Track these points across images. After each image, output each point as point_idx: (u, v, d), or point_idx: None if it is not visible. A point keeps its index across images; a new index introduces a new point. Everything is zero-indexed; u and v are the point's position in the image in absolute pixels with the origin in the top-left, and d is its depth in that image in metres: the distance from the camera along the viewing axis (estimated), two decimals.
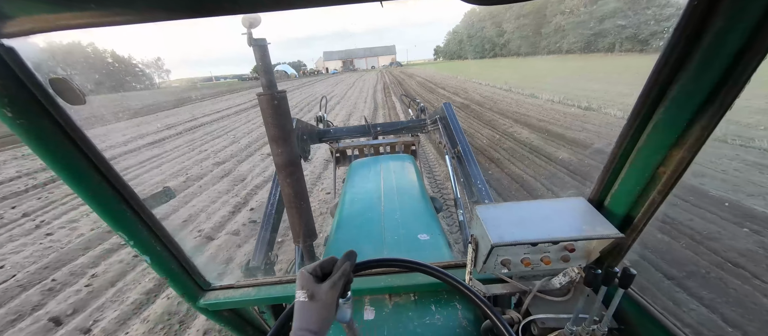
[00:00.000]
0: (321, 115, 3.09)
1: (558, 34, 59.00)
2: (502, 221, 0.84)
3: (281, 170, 1.40)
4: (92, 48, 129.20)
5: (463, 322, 0.95)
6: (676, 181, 0.66)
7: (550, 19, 60.43)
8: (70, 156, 0.69)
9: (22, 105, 0.60)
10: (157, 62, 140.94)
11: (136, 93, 61.51)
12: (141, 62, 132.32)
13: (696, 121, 0.59)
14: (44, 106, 0.62)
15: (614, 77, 16.73)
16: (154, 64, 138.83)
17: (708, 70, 0.54)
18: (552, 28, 60.30)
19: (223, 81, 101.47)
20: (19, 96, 0.59)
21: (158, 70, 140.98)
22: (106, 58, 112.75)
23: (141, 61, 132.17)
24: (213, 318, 1.12)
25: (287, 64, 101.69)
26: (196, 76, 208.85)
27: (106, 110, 17.68)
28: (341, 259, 0.66)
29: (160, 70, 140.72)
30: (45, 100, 0.61)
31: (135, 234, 0.85)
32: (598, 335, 0.77)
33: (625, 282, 0.69)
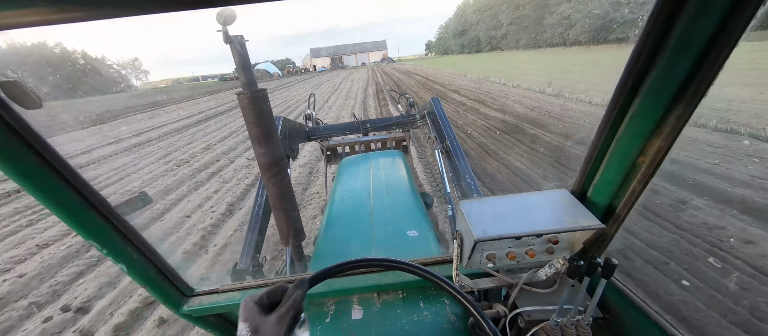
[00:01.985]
0: (309, 113, 3.03)
1: (563, 24, 55.16)
2: (486, 216, 0.83)
3: (265, 171, 1.35)
4: (60, 48, 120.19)
5: (451, 317, 0.95)
6: (655, 170, 0.67)
7: (554, 9, 56.48)
8: (30, 163, 0.65)
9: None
10: (134, 63, 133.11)
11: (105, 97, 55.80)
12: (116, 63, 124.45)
13: (672, 110, 0.59)
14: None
15: None
16: (130, 65, 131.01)
17: (682, 58, 0.54)
18: (556, 18, 56.40)
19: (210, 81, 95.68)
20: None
21: (135, 70, 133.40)
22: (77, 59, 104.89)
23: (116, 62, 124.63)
24: (198, 324, 1.09)
25: (269, 63, 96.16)
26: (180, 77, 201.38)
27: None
28: (292, 287, 0.62)
29: (137, 71, 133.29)
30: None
31: (107, 241, 0.81)
32: (582, 325, 0.79)
33: (607, 272, 0.70)
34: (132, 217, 0.87)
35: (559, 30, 55.97)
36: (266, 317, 0.57)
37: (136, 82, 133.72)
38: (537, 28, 62.47)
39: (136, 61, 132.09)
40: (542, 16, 60.58)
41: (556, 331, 0.79)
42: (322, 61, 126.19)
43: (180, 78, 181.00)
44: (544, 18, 59.58)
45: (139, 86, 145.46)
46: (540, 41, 61.56)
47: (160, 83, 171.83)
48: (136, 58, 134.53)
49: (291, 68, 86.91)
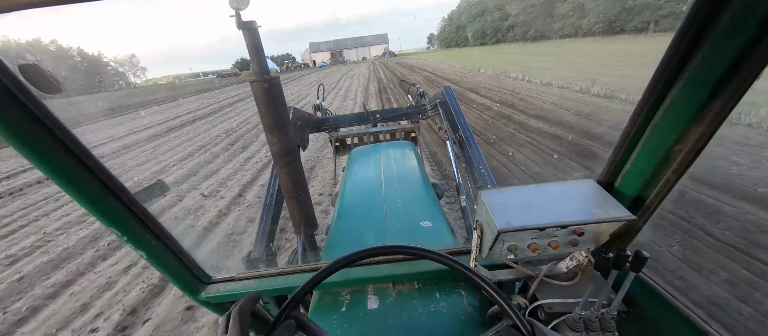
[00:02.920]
0: (318, 103, 3.03)
1: (575, 13, 52.04)
2: (509, 206, 0.81)
3: (278, 160, 1.35)
4: (55, 45, 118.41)
5: (468, 308, 0.93)
6: (693, 159, 0.64)
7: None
8: (51, 148, 0.65)
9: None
10: (132, 60, 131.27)
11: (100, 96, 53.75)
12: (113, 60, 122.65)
13: (717, 94, 0.56)
14: (15, 95, 0.57)
15: None
16: (128, 62, 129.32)
17: (733, 38, 0.51)
18: (568, 6, 53.26)
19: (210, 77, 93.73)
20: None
21: (133, 67, 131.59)
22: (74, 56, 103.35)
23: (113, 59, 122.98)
24: (215, 310, 1.11)
25: (267, 58, 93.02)
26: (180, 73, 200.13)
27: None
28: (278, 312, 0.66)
29: (134, 68, 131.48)
30: (16, 88, 0.57)
31: (127, 229, 0.82)
32: (607, 319, 0.77)
33: (637, 265, 0.68)
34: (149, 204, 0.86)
35: (570, 20, 52.88)
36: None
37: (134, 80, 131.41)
38: (546, 19, 59.39)
39: (133, 58, 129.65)
40: (552, 5, 57.41)
41: (579, 324, 0.78)
42: (321, 56, 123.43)
43: (180, 75, 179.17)
44: (554, 7, 56.39)
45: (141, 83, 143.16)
46: (549, 32, 58.56)
47: (160, 80, 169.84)
48: (133, 55, 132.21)
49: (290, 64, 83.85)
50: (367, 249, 0.75)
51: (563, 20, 54.37)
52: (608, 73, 12.36)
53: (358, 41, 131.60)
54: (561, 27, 54.91)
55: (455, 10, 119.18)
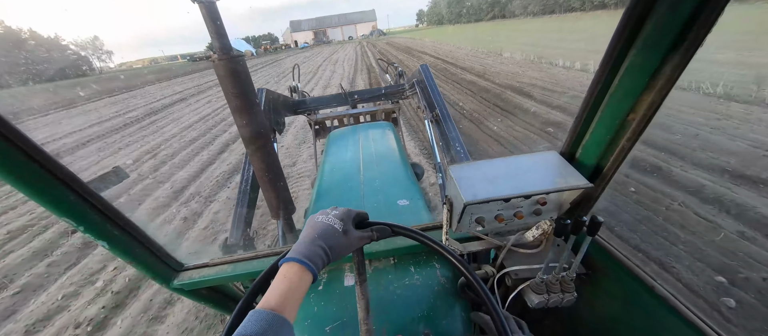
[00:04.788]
0: (295, 85, 2.95)
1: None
2: (475, 179, 0.84)
3: (249, 144, 1.29)
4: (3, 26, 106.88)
5: (441, 280, 0.97)
6: (644, 127, 0.67)
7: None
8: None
9: None
10: (95, 42, 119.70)
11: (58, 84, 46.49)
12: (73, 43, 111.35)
13: (667, 61, 0.58)
14: None
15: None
16: (90, 45, 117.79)
17: (678, 9, 0.52)
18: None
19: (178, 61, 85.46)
20: None
21: (96, 51, 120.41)
22: (26, 40, 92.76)
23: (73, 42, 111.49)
24: (190, 297, 1.10)
25: (240, 40, 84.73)
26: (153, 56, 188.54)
27: None
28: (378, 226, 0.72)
29: (98, 52, 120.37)
30: None
31: (83, 219, 0.78)
32: (567, 280, 0.83)
33: (592, 229, 0.72)
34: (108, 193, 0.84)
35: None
36: (354, 229, 0.68)
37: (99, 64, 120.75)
38: None
39: (96, 40, 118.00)
40: None
41: (541, 287, 0.84)
42: (304, 36, 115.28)
43: (157, 58, 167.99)
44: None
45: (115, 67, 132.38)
46: (553, 6, 53.54)
47: (135, 63, 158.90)
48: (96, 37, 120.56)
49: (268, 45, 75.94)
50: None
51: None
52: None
53: (343, 19, 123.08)
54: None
55: None
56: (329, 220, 0.66)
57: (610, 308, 0.89)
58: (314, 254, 0.59)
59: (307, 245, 0.60)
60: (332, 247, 0.63)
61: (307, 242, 0.61)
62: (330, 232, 0.64)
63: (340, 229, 0.65)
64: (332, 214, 0.68)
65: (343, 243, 0.64)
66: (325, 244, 0.62)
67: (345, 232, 0.66)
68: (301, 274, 0.57)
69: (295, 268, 0.57)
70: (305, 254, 0.59)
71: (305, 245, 0.60)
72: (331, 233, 0.64)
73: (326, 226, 0.65)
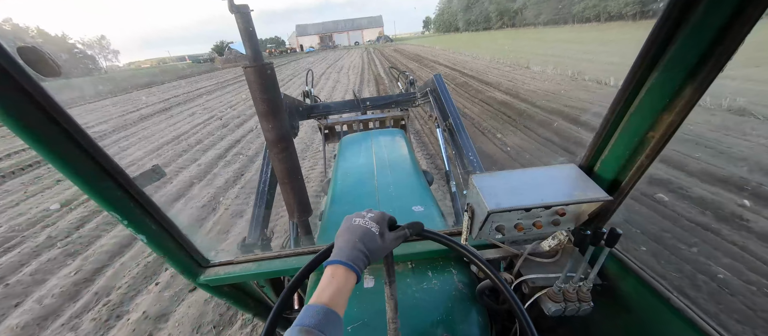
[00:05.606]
0: (307, 90, 3.00)
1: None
2: (498, 189, 0.86)
3: (273, 146, 1.34)
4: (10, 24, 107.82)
5: (458, 285, 0.98)
6: (663, 145, 0.69)
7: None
8: (50, 132, 0.64)
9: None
10: (101, 41, 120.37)
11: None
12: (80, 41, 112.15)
13: (687, 84, 0.60)
14: (14, 79, 0.57)
15: None
16: (97, 44, 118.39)
17: (703, 32, 0.54)
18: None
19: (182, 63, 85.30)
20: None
21: (103, 50, 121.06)
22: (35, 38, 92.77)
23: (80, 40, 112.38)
24: (214, 293, 1.12)
25: None
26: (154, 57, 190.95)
27: None
28: (409, 224, 0.75)
29: (105, 51, 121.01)
30: (15, 71, 0.56)
31: (128, 213, 0.83)
32: (584, 290, 0.84)
33: (611, 241, 0.73)
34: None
35: (592, 2, 46.01)
36: (389, 232, 0.72)
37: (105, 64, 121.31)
38: (562, 0, 52.34)
39: (103, 39, 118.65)
40: None
41: (558, 295, 0.84)
42: (310, 40, 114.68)
43: (165, 58, 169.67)
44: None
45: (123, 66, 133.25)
46: (566, 16, 51.80)
47: (144, 63, 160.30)
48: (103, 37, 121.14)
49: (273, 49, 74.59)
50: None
51: (585, 2, 47.28)
52: None
53: (349, 24, 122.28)
54: (582, 9, 47.94)
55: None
56: (366, 223, 0.70)
57: (625, 319, 0.89)
58: (357, 257, 0.64)
59: (350, 249, 0.65)
60: (371, 249, 0.67)
61: (350, 246, 0.65)
62: (369, 236, 0.68)
63: (377, 233, 0.69)
64: (368, 217, 0.71)
65: (381, 246, 0.68)
66: (365, 247, 0.66)
67: (381, 235, 0.69)
68: (347, 276, 0.61)
69: (341, 270, 0.62)
70: (350, 257, 0.63)
71: (348, 249, 0.65)
72: (370, 237, 0.68)
73: (365, 230, 0.68)
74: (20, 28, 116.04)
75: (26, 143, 0.63)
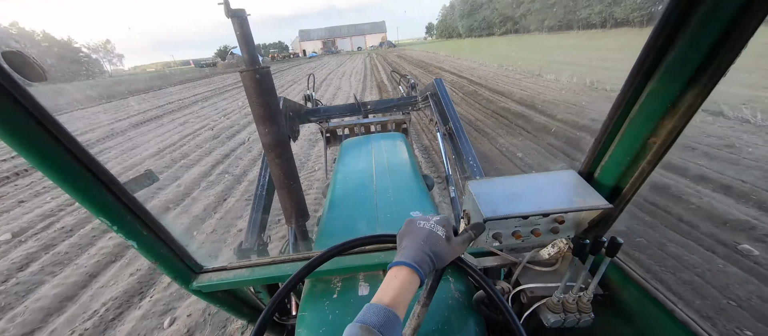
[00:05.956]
0: (309, 94, 2.98)
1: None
2: (494, 196, 0.85)
3: (269, 151, 1.32)
4: (17, 28, 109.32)
5: (455, 293, 0.96)
6: (665, 151, 0.67)
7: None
8: (37, 138, 0.63)
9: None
10: (106, 45, 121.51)
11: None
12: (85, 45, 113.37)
13: (689, 89, 0.58)
14: (1, 84, 0.56)
15: None
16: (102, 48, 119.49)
17: (703, 36, 0.53)
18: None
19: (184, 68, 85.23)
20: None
21: (108, 54, 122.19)
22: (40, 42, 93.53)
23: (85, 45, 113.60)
24: (207, 299, 1.11)
25: None
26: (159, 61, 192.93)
27: None
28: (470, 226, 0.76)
29: (110, 55, 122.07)
30: (0, 76, 0.56)
31: (117, 219, 0.81)
32: (584, 301, 0.81)
33: (612, 251, 0.71)
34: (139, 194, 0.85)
35: (598, 8, 45.36)
36: (456, 237, 0.70)
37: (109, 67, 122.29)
38: (567, 5, 51.74)
39: (108, 43, 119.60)
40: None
41: (557, 306, 0.82)
42: (313, 45, 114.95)
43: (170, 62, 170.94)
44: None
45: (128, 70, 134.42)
46: (570, 21, 51.16)
47: (149, 67, 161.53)
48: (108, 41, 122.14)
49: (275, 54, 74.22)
50: (359, 238, 0.81)
51: (591, 7, 46.66)
52: None
53: (353, 29, 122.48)
54: (588, 15, 47.27)
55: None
56: (432, 226, 0.68)
57: (627, 332, 0.87)
58: (422, 260, 0.62)
59: (416, 251, 0.62)
60: (437, 253, 0.64)
61: (416, 248, 0.63)
62: (434, 239, 0.66)
63: (444, 236, 0.67)
64: (434, 221, 0.69)
65: (447, 250, 0.66)
66: (430, 250, 0.64)
67: (448, 238, 0.67)
68: (411, 278, 0.59)
69: (405, 272, 0.60)
70: (415, 259, 0.61)
71: (414, 251, 0.63)
72: (435, 240, 0.66)
73: (430, 233, 0.66)
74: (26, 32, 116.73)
75: (13, 149, 0.62)
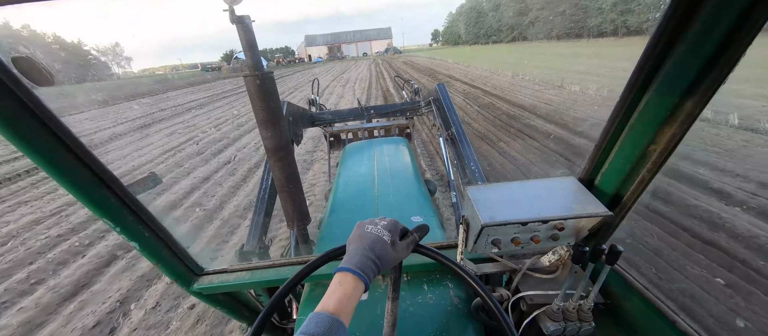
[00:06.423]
0: (313, 98, 3.00)
1: (616, 8, 42.59)
2: (493, 202, 0.84)
3: (272, 154, 1.33)
4: (28, 31, 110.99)
5: (454, 300, 0.95)
6: (666, 159, 0.67)
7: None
8: (44, 140, 0.65)
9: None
10: (115, 48, 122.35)
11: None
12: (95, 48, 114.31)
13: (688, 97, 0.58)
14: (9, 88, 0.58)
15: None
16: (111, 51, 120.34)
17: (702, 45, 0.53)
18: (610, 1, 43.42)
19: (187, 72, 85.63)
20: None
21: (117, 57, 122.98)
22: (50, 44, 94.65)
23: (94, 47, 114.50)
24: (207, 301, 1.11)
25: None
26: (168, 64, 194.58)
27: None
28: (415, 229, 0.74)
29: (118, 58, 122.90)
30: (9, 81, 0.57)
31: (120, 220, 0.82)
32: (584, 309, 0.80)
33: (612, 258, 0.70)
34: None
35: (610, 16, 44.23)
36: (401, 241, 0.70)
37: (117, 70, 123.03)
38: (576, 14, 50.69)
39: (117, 46, 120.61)
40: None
41: (557, 314, 0.80)
42: (318, 50, 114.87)
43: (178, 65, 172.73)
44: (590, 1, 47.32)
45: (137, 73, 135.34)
46: (581, 30, 50.04)
47: (158, 70, 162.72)
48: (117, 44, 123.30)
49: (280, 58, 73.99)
50: None
51: (602, 16, 45.49)
52: None
53: (358, 35, 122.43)
54: (599, 23, 46.08)
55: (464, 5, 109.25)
56: (378, 231, 0.67)
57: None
58: (366, 266, 0.61)
59: (360, 257, 0.62)
60: (382, 258, 0.64)
61: (360, 254, 0.63)
62: (380, 244, 0.65)
63: (389, 241, 0.66)
64: (381, 225, 0.69)
65: (392, 255, 0.66)
66: (375, 255, 0.63)
67: (393, 243, 0.67)
68: (355, 284, 0.59)
69: (350, 278, 0.59)
70: (359, 265, 0.61)
71: (358, 257, 0.62)
72: (381, 245, 0.65)
73: (376, 238, 0.66)
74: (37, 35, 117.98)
75: (20, 151, 0.63)
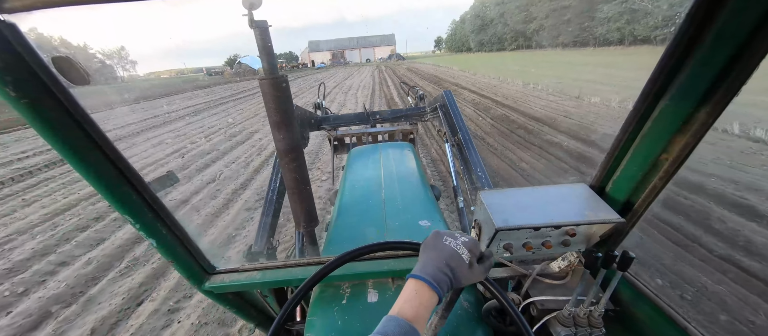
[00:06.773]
0: (319, 102, 3.01)
1: (627, 15, 41.74)
2: (506, 206, 0.85)
3: (283, 156, 1.35)
4: (35, 33, 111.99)
5: (464, 303, 0.95)
6: (678, 168, 0.67)
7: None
8: (75, 137, 0.67)
9: (25, 84, 0.58)
10: (121, 52, 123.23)
11: None
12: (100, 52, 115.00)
13: (702, 107, 0.59)
14: (47, 86, 0.60)
15: None
16: (116, 55, 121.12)
17: (716, 57, 0.54)
18: (615, 7, 42.40)
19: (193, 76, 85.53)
20: (22, 75, 0.57)
21: (122, 61, 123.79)
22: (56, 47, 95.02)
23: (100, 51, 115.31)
24: (217, 300, 1.12)
25: (253, 57, 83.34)
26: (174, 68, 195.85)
27: None
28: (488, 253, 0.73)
29: (123, 61, 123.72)
30: (48, 79, 0.60)
31: (140, 217, 0.83)
32: (595, 316, 0.79)
33: (623, 265, 0.71)
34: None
35: (617, 24, 43.46)
36: (479, 264, 0.69)
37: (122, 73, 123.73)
38: (582, 21, 50.00)
39: (122, 50, 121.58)
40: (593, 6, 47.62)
41: (568, 320, 0.80)
42: (321, 56, 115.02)
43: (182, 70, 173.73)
44: (598, 8, 46.50)
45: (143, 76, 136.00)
46: (587, 38, 49.33)
47: (163, 73, 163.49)
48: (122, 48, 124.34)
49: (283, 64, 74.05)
50: (376, 243, 0.81)
51: (609, 24, 44.71)
52: None
53: (362, 41, 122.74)
54: (606, 31, 45.27)
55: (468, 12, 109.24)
56: (458, 246, 0.66)
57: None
58: (442, 280, 0.61)
59: (436, 270, 0.61)
60: (457, 276, 0.63)
61: (435, 266, 0.62)
62: (457, 260, 0.64)
63: (467, 261, 0.65)
64: (461, 241, 0.68)
65: (467, 275, 0.65)
66: (451, 271, 0.62)
67: (470, 264, 0.66)
68: (429, 294, 0.58)
69: (426, 288, 0.59)
70: (434, 277, 0.60)
71: (434, 268, 0.62)
72: (457, 261, 0.64)
73: (454, 253, 0.65)
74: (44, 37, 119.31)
75: (52, 146, 0.65)
